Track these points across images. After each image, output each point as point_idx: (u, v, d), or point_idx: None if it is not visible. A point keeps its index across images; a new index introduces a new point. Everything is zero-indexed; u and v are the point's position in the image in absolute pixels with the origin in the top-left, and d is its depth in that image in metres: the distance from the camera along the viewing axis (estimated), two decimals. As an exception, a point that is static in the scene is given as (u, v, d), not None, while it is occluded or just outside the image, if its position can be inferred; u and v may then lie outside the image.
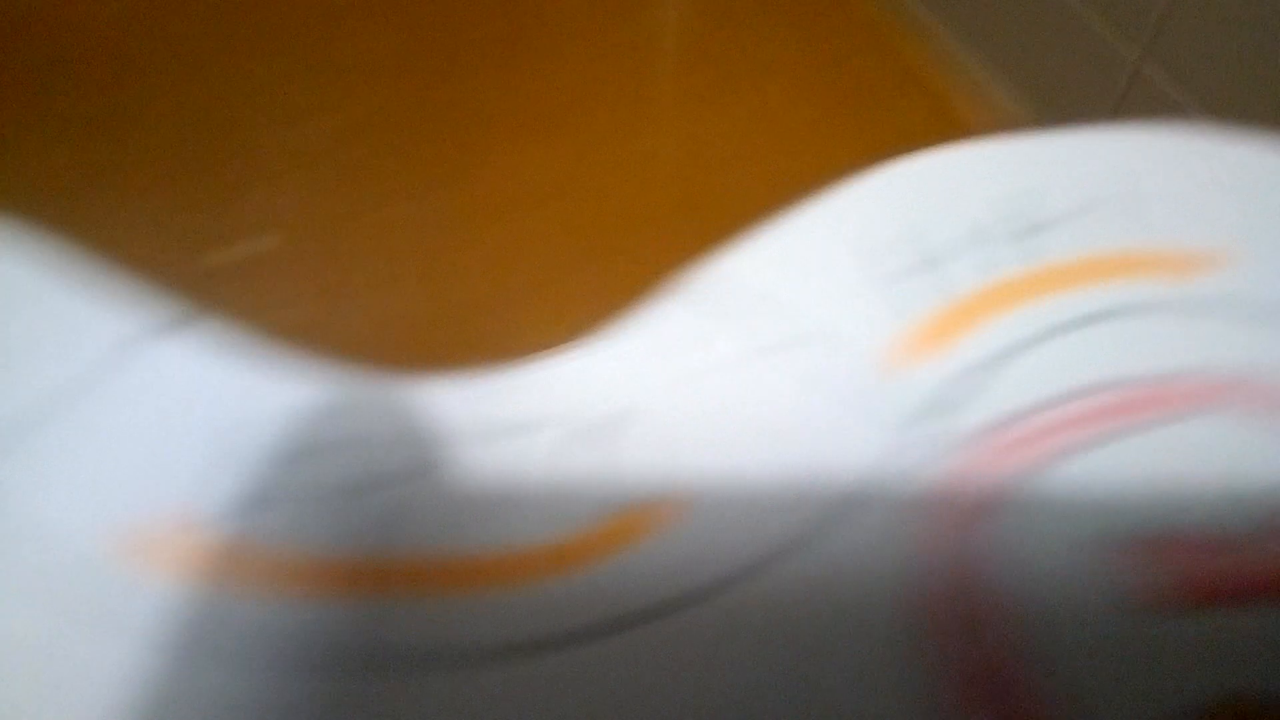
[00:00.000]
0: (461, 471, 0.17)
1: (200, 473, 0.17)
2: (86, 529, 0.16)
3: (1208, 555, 0.17)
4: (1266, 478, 0.18)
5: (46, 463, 0.16)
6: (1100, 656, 0.16)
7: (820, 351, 0.18)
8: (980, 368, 0.19)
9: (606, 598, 0.16)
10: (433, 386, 0.18)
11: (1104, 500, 0.18)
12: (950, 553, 0.17)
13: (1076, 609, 0.17)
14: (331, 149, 0.22)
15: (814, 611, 0.17)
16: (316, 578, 0.16)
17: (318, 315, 0.19)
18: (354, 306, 0.20)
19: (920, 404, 0.18)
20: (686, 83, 0.25)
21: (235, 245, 0.20)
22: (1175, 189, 0.21)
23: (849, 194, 0.21)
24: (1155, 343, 0.19)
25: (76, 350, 0.17)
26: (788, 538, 0.17)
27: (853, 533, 0.17)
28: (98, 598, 0.15)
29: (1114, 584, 0.17)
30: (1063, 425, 0.19)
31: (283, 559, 0.16)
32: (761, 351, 0.19)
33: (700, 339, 0.19)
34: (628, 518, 0.17)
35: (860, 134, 0.24)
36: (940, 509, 0.18)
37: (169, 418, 0.17)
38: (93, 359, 0.17)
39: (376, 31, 0.24)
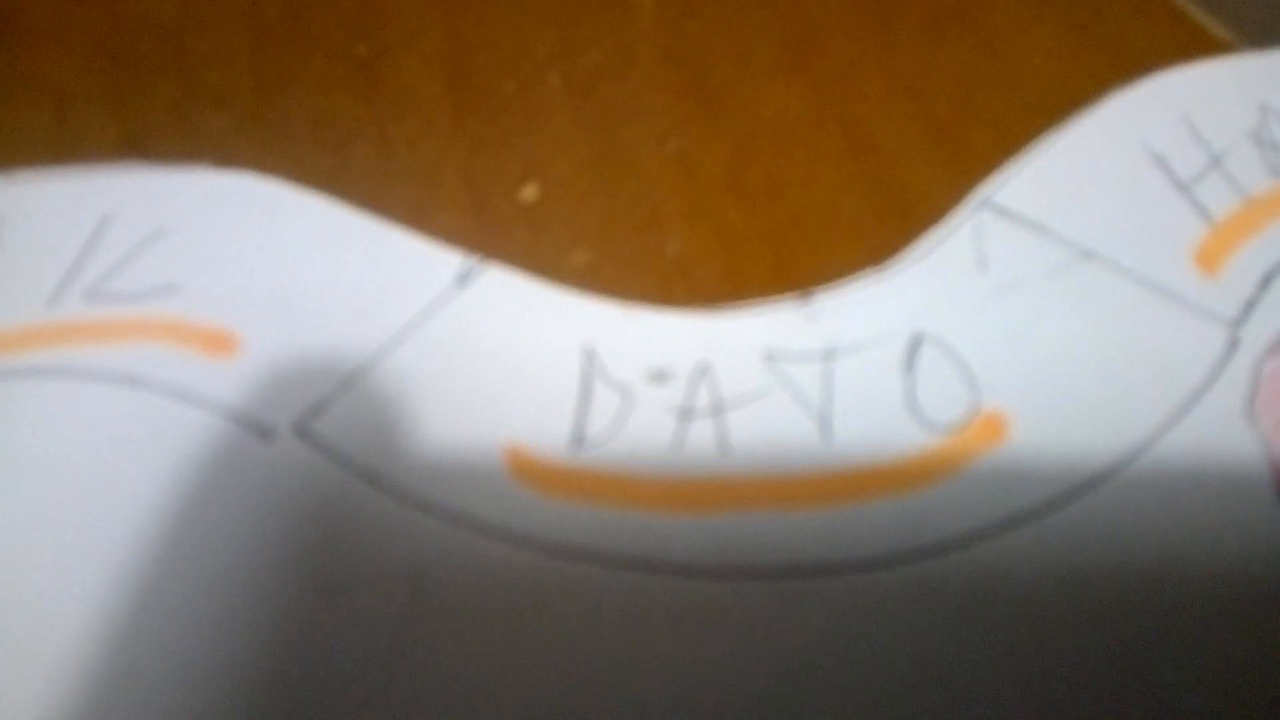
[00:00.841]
0: (790, 393, 0.19)
1: (531, 414, 0.18)
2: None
3: None
4: None
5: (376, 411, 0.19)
6: None
7: (1133, 258, 0.19)
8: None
9: (965, 507, 0.18)
10: (731, 317, 0.20)
11: None
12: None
13: None
14: (579, 94, 0.24)
15: (1168, 515, 0.18)
16: (676, 497, 0.18)
17: (590, 259, 0.21)
18: (624, 249, 0.22)
19: (1246, 299, 0.19)
20: (917, 14, 0.25)
21: (503, 195, 0.22)
22: None
23: (1115, 110, 0.21)
24: None
25: (387, 305, 0.19)
26: (1130, 444, 0.18)
27: (1196, 432, 0.18)
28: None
29: None
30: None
31: (631, 481, 0.18)
32: (1057, 269, 0.20)
33: (991, 264, 0.20)
34: (963, 435, 0.19)
35: (1097, 55, 0.24)
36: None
37: (486, 364, 0.19)
38: (402, 312, 0.19)
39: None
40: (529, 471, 0.18)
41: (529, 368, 0.19)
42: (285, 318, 0.19)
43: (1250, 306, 0.19)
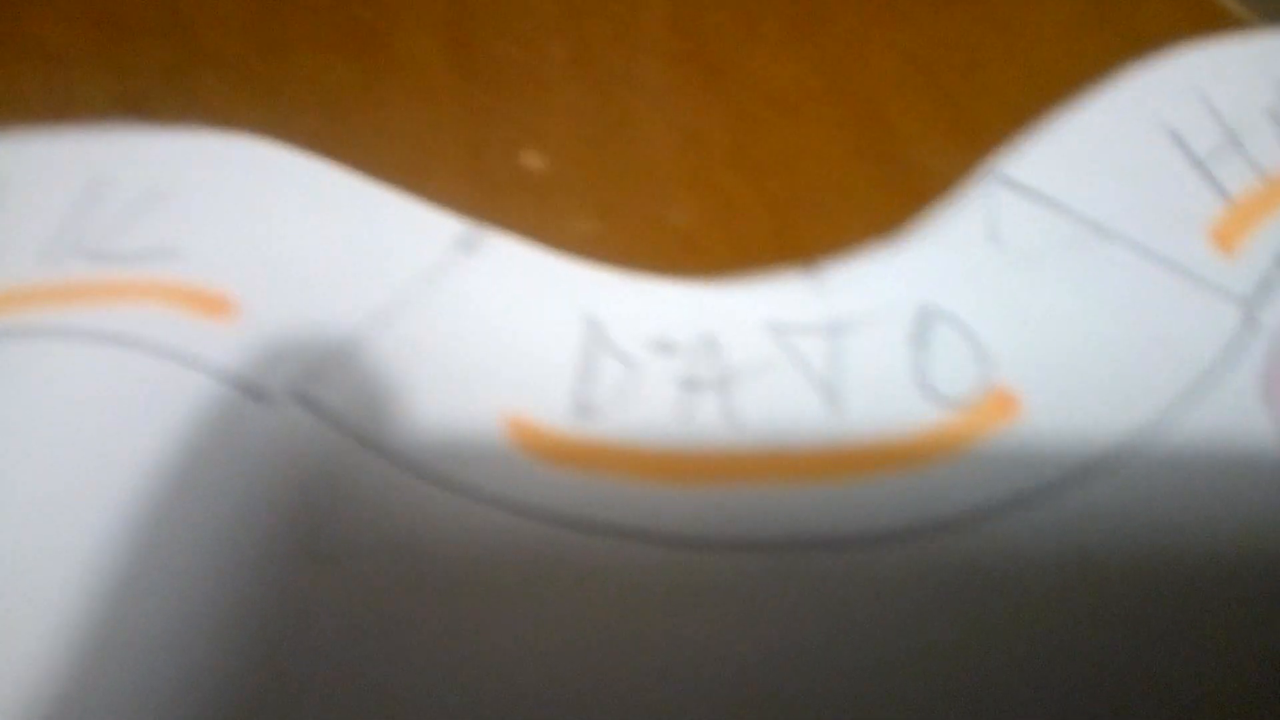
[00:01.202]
0: (796, 366, 0.18)
1: (532, 383, 0.18)
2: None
3: None
4: None
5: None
6: None
7: (1148, 234, 0.19)
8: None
9: (973, 485, 0.18)
10: (737, 288, 0.20)
11: None
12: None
13: None
14: (582, 62, 0.23)
15: (1180, 496, 0.17)
16: (678, 468, 0.18)
17: (593, 229, 0.21)
18: (628, 218, 0.21)
19: (1262, 278, 0.19)
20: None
21: (504, 162, 0.22)
22: None
23: (1131, 85, 0.21)
24: None
25: (386, 270, 0.19)
26: (1142, 422, 0.18)
27: (1210, 412, 0.18)
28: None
29: None
30: None
31: (635, 452, 0.18)
32: (1070, 244, 0.19)
33: (1004, 238, 0.19)
34: (974, 412, 0.18)
35: (1111, 31, 0.24)
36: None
37: (486, 332, 0.19)
38: (401, 278, 0.19)
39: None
40: (531, 440, 0.18)
41: (531, 336, 0.19)
42: (284, 282, 0.19)
43: (1267, 286, 0.19)
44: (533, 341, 0.19)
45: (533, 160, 0.22)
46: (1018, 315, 0.19)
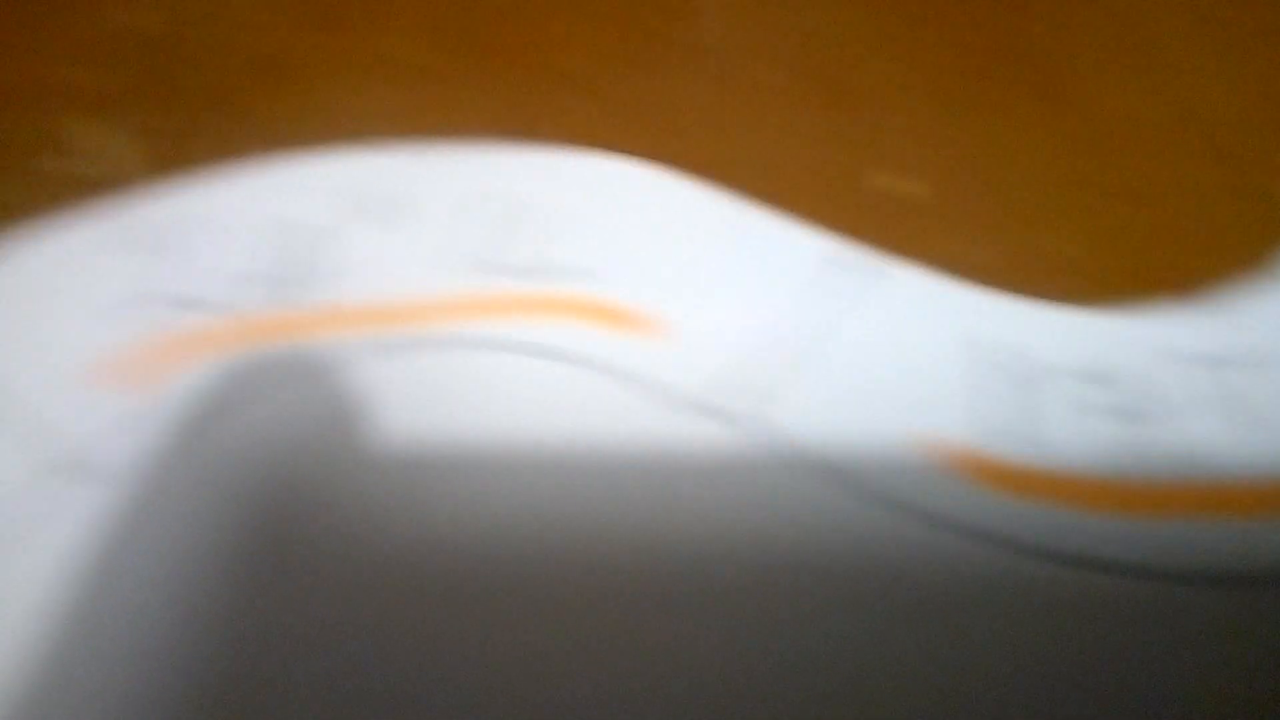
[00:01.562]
0: (1208, 396, 0.19)
1: (940, 404, 0.19)
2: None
3: None
4: None
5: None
6: None
7: None
8: None
9: None
10: (1130, 318, 0.20)
11: None
12: None
13: None
14: (926, 85, 0.24)
15: None
16: (1096, 495, 0.18)
17: (968, 252, 0.21)
18: (1006, 244, 0.22)
19: None
20: (1266, 16, 0.25)
21: (865, 185, 0.22)
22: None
23: None
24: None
25: (774, 290, 0.19)
26: None
27: None
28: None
29: None
30: None
31: (1056, 479, 0.18)
32: None
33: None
34: None
35: None
36: None
37: (890, 355, 0.19)
38: (791, 299, 0.20)
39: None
40: (961, 464, 0.18)
41: (933, 360, 0.19)
42: (695, 301, 0.19)
43: None
44: (936, 366, 0.19)
45: (893, 183, 0.22)
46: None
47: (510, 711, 0.18)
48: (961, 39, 0.25)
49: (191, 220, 0.20)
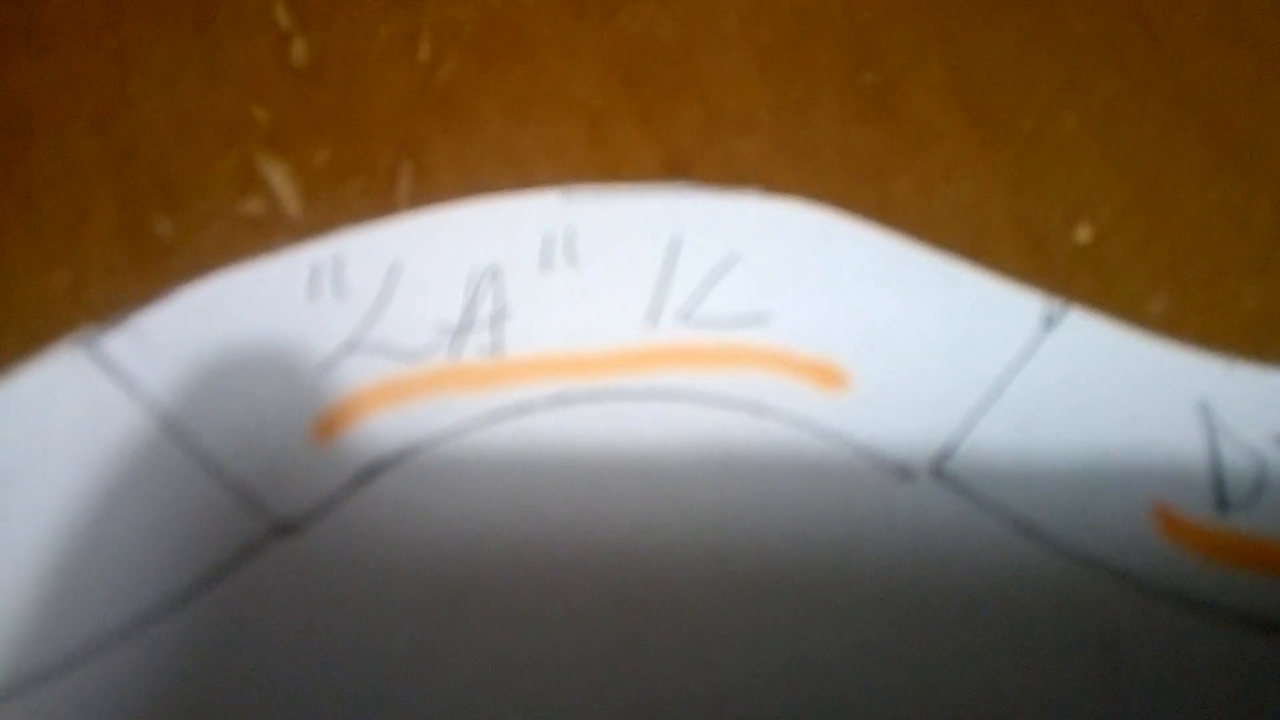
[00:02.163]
0: None
1: (1158, 469, 0.18)
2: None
3: None
4: None
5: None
6: None
7: None
8: None
9: None
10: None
11: None
12: None
13: None
14: (1099, 134, 0.23)
15: None
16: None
17: (1166, 308, 0.21)
18: (1198, 298, 0.21)
19: None
20: None
21: (1058, 236, 0.22)
22: None
23: None
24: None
25: (975, 344, 0.20)
26: None
27: None
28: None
29: None
30: None
31: (1249, 540, 0.18)
32: None
33: None
34: None
35: None
36: None
37: (1090, 413, 0.19)
38: (991, 352, 0.20)
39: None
40: (1178, 530, 0.18)
41: (1141, 420, 0.19)
42: (885, 353, 0.19)
43: None
44: (1146, 425, 0.19)
45: (1085, 235, 0.22)
46: None
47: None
48: (1131, 89, 0.24)
49: (385, 266, 0.20)
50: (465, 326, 0.20)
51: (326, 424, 0.19)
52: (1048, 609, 0.17)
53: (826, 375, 0.19)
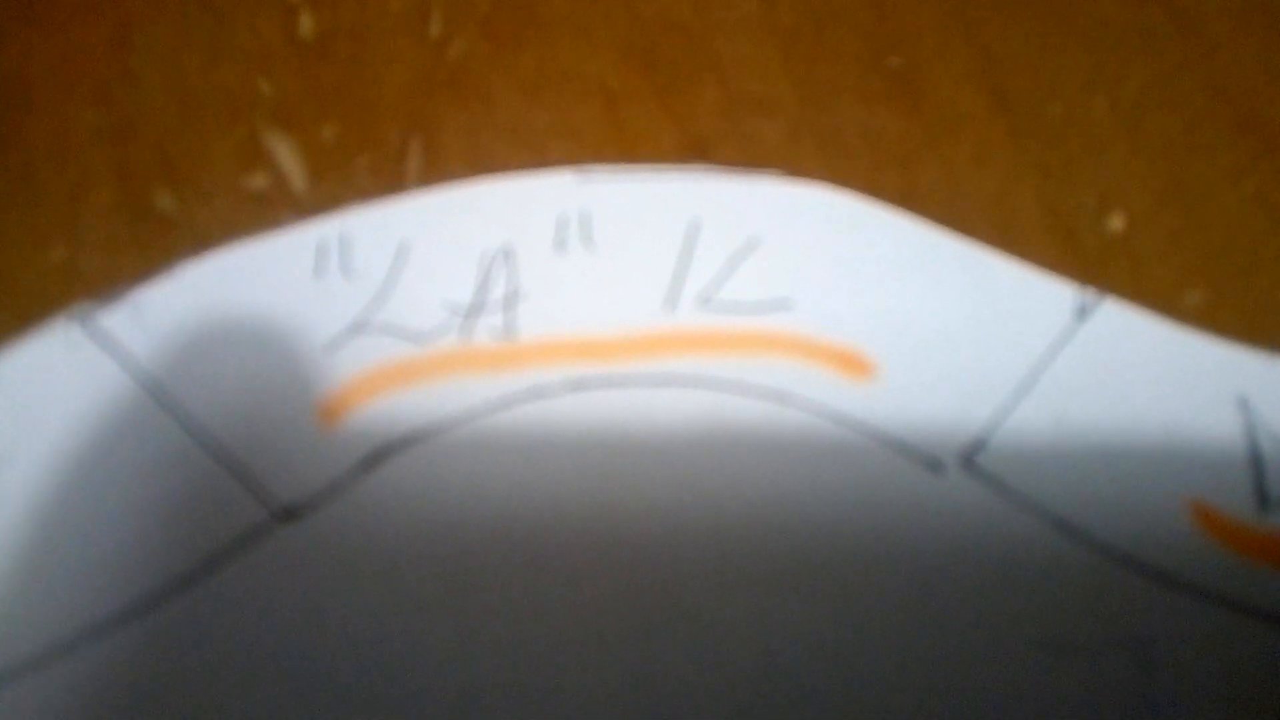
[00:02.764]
0: None
1: (1196, 466, 0.18)
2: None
3: None
4: None
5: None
6: None
7: None
8: None
9: None
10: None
11: None
12: None
13: None
14: (1130, 123, 0.23)
15: None
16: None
17: (1202, 300, 0.20)
18: (1233, 291, 0.21)
19: None
20: None
21: (1089, 225, 0.21)
22: None
23: None
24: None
25: (1006, 334, 0.19)
26: None
27: None
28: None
29: None
30: None
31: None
32: None
33: None
34: None
35: None
36: None
37: (1125, 407, 0.18)
38: (1024, 343, 0.19)
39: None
40: (1216, 527, 0.17)
41: (1178, 414, 0.18)
42: (912, 342, 0.19)
43: None
44: (1182, 420, 0.18)
45: (1118, 224, 0.21)
46: None
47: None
48: (1162, 77, 0.24)
49: (394, 245, 0.20)
50: (476, 308, 0.19)
51: (332, 406, 0.19)
52: (1080, 605, 0.16)
53: (853, 364, 0.18)
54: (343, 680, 0.16)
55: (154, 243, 0.21)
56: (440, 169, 0.22)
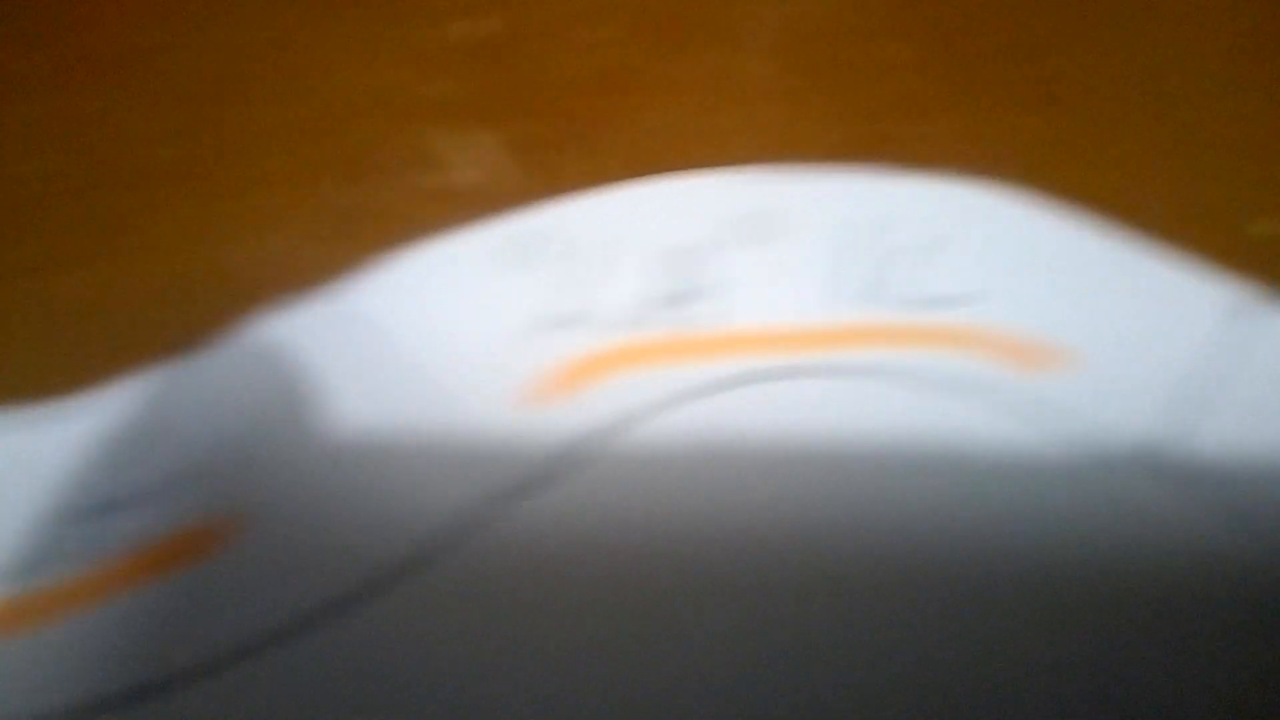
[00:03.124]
0: None
1: None
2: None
3: None
4: None
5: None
6: None
7: None
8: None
9: None
10: None
11: None
12: None
13: None
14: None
15: None
16: None
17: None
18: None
19: None
20: None
21: (1234, 228, 0.22)
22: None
23: None
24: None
25: (1172, 333, 0.20)
26: None
27: None
28: None
29: None
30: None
31: None
32: None
33: None
34: None
35: None
36: None
37: None
38: (1187, 344, 0.20)
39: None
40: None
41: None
42: (1092, 340, 0.20)
43: None
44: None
45: (1267, 227, 0.22)
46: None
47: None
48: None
49: (585, 239, 0.21)
50: (658, 302, 0.20)
51: (535, 393, 0.20)
52: (1262, 607, 0.17)
53: (1033, 359, 0.20)
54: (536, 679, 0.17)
55: (358, 239, 0.22)
56: (620, 167, 0.23)
